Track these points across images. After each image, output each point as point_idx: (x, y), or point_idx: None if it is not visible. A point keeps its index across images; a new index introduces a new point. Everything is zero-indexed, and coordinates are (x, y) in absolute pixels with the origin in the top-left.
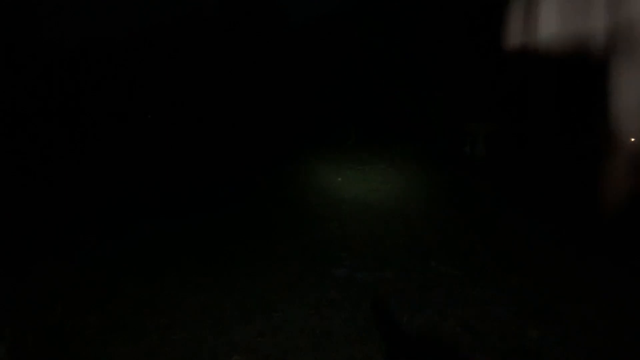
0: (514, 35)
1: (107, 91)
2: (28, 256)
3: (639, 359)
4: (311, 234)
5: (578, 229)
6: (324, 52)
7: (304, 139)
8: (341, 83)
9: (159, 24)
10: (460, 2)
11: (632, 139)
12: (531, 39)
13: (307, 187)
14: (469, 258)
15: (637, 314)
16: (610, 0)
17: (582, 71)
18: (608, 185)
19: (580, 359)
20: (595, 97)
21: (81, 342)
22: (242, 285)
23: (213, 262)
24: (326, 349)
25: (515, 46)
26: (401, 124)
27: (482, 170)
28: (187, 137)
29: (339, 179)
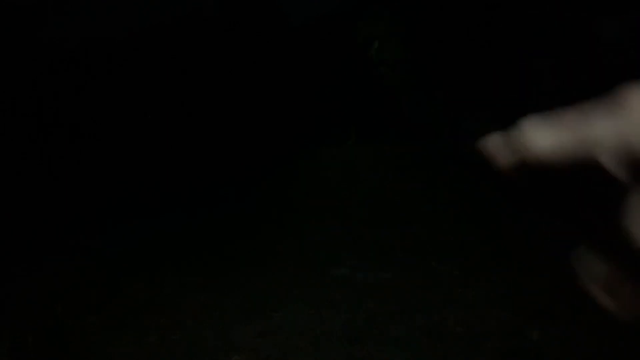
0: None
1: (107, 91)
2: (28, 256)
3: (639, 359)
4: (311, 233)
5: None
6: (324, 51)
7: (304, 139)
8: (341, 83)
9: (159, 24)
10: (460, 1)
11: None
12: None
13: (307, 187)
14: (469, 258)
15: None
16: None
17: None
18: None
19: (580, 359)
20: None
21: (81, 342)
22: (242, 285)
23: (213, 262)
24: (326, 349)
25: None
26: (401, 124)
27: (482, 170)
28: (187, 137)
29: (339, 179)
